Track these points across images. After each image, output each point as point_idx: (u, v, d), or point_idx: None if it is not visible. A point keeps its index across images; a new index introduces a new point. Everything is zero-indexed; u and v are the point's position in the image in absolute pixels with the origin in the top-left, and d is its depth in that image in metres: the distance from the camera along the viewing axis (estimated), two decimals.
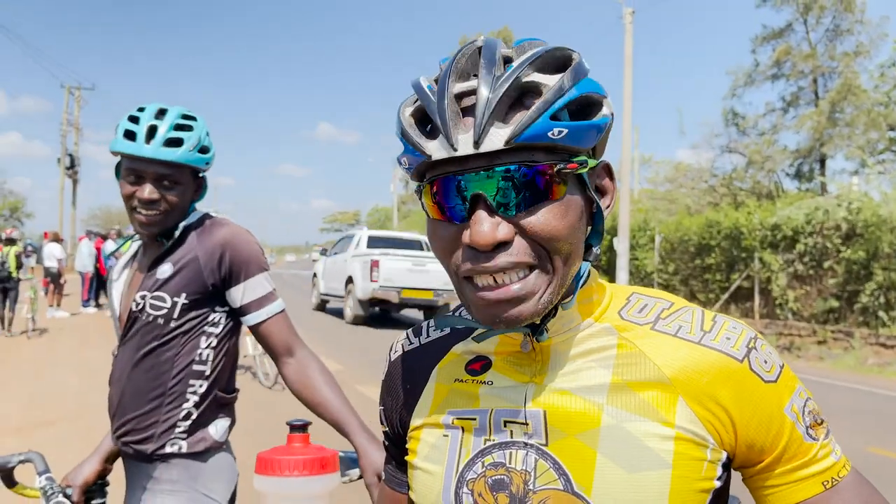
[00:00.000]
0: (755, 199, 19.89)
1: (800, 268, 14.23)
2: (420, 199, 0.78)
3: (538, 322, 0.79)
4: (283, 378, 1.74)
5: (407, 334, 1.00)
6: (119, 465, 1.85)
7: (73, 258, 21.68)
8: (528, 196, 0.71)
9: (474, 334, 0.86)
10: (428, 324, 0.99)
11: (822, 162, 23.68)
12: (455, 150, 0.70)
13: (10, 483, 1.83)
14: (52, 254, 14.91)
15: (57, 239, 16.09)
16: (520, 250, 0.72)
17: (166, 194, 1.68)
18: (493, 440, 0.81)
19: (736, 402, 0.75)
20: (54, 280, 14.90)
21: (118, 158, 1.71)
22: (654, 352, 0.78)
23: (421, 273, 13.37)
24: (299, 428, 0.74)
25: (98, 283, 16.60)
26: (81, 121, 35.80)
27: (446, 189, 0.73)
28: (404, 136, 0.75)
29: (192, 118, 1.73)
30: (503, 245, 0.72)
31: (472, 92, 0.72)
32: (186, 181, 1.72)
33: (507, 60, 0.74)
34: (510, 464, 0.79)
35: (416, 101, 0.77)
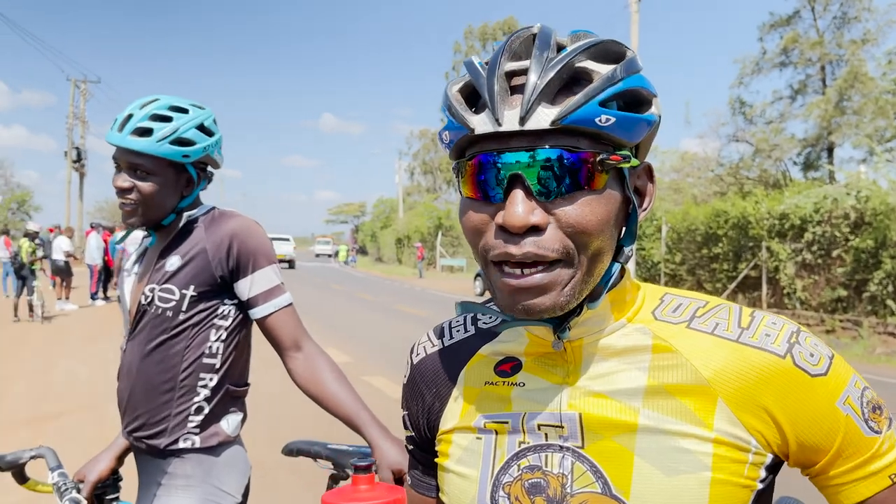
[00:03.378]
0: (762, 188, 19.74)
1: (808, 257, 14.12)
2: (456, 177, 0.77)
3: (560, 317, 0.77)
4: (290, 373, 1.72)
5: (428, 336, 0.98)
6: (130, 459, 1.86)
7: (81, 251, 21.78)
8: (568, 183, 0.70)
9: (495, 322, 0.86)
10: (450, 324, 0.97)
11: (830, 150, 23.49)
12: (500, 125, 0.69)
13: (22, 479, 1.83)
14: (60, 247, 14.96)
15: (66, 232, 16.17)
16: (549, 242, 0.70)
17: (139, 184, 1.67)
18: (528, 443, 0.80)
19: (781, 401, 0.73)
20: (62, 273, 14.96)
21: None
22: (691, 352, 0.77)
23: None
24: (364, 469, 0.74)
25: (106, 276, 16.66)
26: (87, 114, 35.88)
27: (485, 167, 0.71)
28: (449, 109, 0.74)
29: (183, 110, 1.69)
30: (534, 230, 0.70)
31: (523, 72, 0.71)
32: (163, 172, 1.69)
33: (560, 48, 0.74)
34: (546, 467, 0.78)
35: (465, 79, 0.76)
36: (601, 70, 0.71)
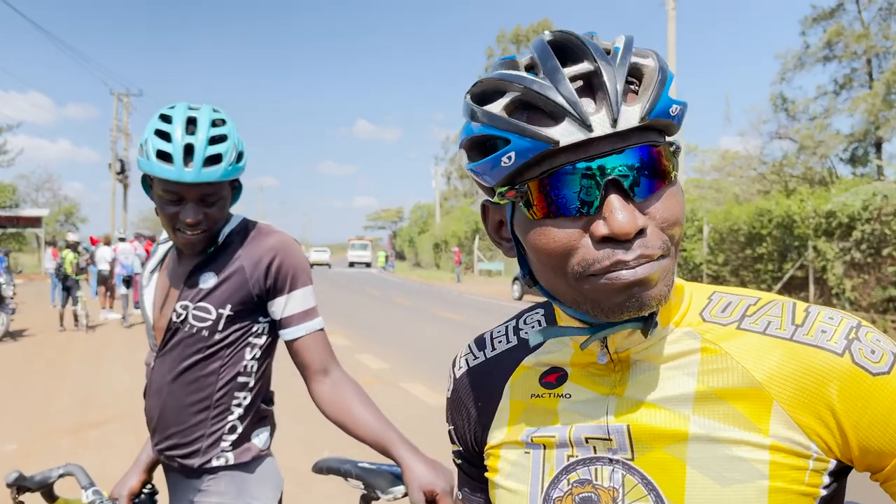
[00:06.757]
0: (808, 186, 19.25)
1: (857, 255, 13.70)
2: (519, 203, 0.71)
3: (648, 315, 0.73)
4: (314, 398, 1.65)
5: (470, 348, 0.96)
6: (160, 472, 1.82)
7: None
8: (655, 179, 0.68)
9: (542, 335, 0.80)
10: (491, 334, 0.95)
11: (878, 145, 22.88)
12: (591, 130, 0.65)
13: (52, 498, 1.79)
14: (104, 257, 15.27)
15: (105, 240, 16.50)
16: (653, 241, 0.67)
17: (209, 211, 1.60)
18: (577, 456, 0.78)
19: (841, 402, 0.68)
20: (106, 282, 15.28)
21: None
22: (741, 353, 0.73)
23: None
24: None
25: None
26: (130, 126, 36.63)
27: (569, 180, 0.67)
28: (512, 129, 0.68)
29: (223, 122, 1.60)
30: (640, 233, 0.67)
31: (581, 76, 0.68)
32: (227, 192, 1.64)
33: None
34: (596, 480, 0.76)
35: (509, 95, 0.70)
36: (650, 64, 0.69)
